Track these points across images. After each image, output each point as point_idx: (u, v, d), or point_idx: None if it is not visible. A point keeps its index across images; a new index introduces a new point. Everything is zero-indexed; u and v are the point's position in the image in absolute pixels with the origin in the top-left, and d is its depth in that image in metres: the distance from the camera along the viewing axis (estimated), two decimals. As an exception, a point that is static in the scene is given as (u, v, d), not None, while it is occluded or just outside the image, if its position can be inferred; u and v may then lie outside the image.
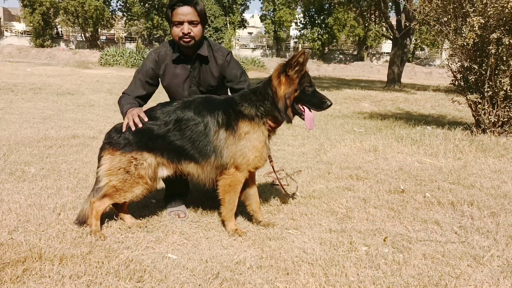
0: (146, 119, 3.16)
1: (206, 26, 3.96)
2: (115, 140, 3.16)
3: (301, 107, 3.16)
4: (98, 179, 3.20)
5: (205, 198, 3.92)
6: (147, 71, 3.50)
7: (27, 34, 47.36)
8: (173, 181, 3.49)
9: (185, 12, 3.29)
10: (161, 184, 3.86)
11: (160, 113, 3.20)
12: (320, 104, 3.15)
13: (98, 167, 3.22)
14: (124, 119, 3.24)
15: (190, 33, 3.32)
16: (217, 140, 3.11)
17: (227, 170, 3.18)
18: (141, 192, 3.21)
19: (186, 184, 3.72)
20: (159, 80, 3.59)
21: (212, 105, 3.20)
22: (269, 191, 4.39)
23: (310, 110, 3.18)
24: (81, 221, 3.23)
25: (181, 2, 3.29)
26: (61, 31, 48.25)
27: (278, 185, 4.59)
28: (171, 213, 3.60)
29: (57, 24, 46.20)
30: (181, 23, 3.31)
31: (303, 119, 3.21)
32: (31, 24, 44.18)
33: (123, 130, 3.16)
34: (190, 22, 3.31)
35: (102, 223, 3.30)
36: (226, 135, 3.10)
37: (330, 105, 3.17)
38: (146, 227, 3.33)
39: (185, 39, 3.34)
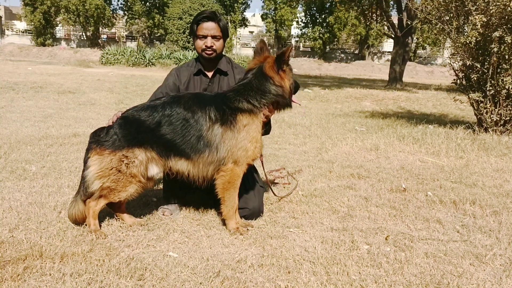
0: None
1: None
2: (102, 138, 3.07)
3: None
4: (87, 182, 3.09)
5: (206, 197, 3.90)
6: (168, 84, 3.71)
7: (28, 33, 47.39)
8: (170, 182, 3.52)
9: (209, 27, 3.54)
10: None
11: (149, 106, 3.16)
12: (297, 88, 3.47)
13: (85, 169, 3.11)
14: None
15: (212, 46, 3.57)
16: (211, 135, 3.09)
17: (224, 166, 3.16)
18: (136, 190, 3.17)
19: (182, 186, 3.65)
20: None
21: (202, 101, 3.17)
22: (269, 190, 4.37)
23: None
24: (74, 223, 3.22)
25: (206, 18, 3.56)
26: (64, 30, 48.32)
27: (278, 183, 4.59)
28: (159, 210, 3.65)
29: (58, 23, 46.20)
30: (205, 37, 3.56)
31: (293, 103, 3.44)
32: (32, 23, 44.17)
33: (109, 123, 3.14)
34: (213, 37, 3.57)
35: (102, 220, 3.30)
36: (222, 130, 3.09)
37: (299, 86, 3.53)
38: (147, 225, 3.32)
39: (207, 52, 3.58)
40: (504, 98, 7.10)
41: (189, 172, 3.20)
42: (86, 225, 3.16)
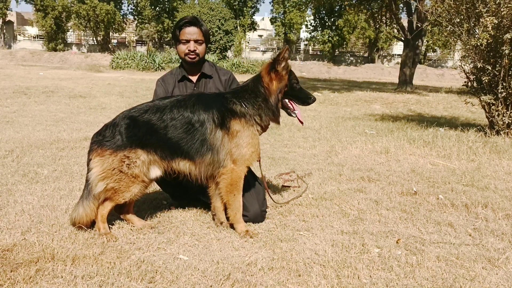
0: None
1: (217, 29, 4.25)
2: (104, 139, 3.07)
3: (288, 103, 3.36)
4: (91, 184, 3.09)
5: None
6: (159, 96, 3.76)
7: (39, 38, 47.96)
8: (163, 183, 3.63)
9: (191, 31, 3.63)
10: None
11: (157, 109, 3.15)
12: (306, 99, 3.40)
13: (88, 171, 3.12)
14: None
15: (195, 50, 3.65)
16: (214, 138, 3.13)
17: (224, 168, 3.19)
18: (139, 190, 3.17)
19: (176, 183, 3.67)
20: None
21: (206, 103, 3.20)
22: (279, 193, 4.37)
23: (297, 106, 3.39)
24: (73, 225, 3.21)
25: (188, 23, 3.64)
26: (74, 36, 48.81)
27: (288, 186, 4.58)
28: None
29: (69, 28, 46.69)
30: (188, 41, 3.65)
31: (293, 116, 3.40)
32: (44, 28, 44.69)
33: None
34: (196, 41, 3.66)
35: (113, 224, 3.32)
36: (222, 133, 3.14)
37: (314, 100, 3.46)
38: (157, 228, 3.33)
39: (190, 56, 3.66)
40: (516, 100, 7.03)
41: (190, 172, 3.24)
42: (85, 227, 3.18)
